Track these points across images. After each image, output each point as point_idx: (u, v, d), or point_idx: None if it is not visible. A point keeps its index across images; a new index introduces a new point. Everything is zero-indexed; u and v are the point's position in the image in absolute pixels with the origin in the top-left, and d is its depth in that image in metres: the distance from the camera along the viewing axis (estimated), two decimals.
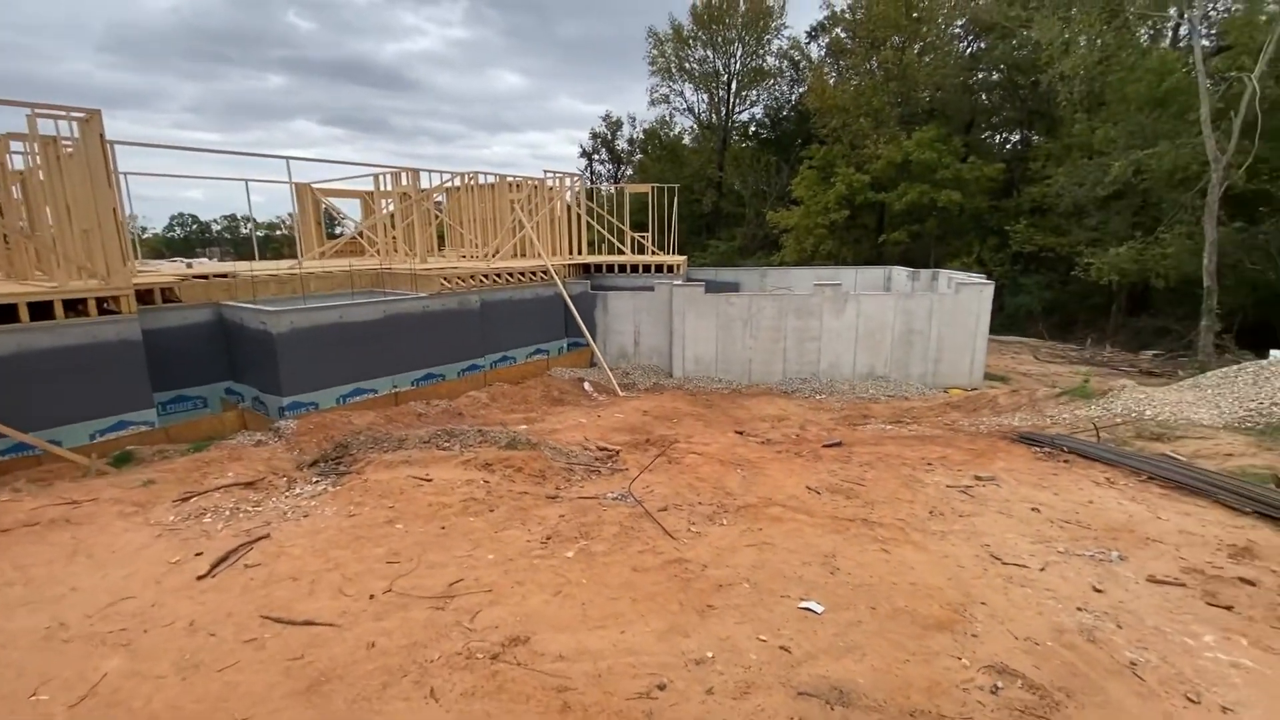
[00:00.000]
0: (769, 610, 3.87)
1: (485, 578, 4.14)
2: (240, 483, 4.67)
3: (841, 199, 31.74)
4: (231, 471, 4.89)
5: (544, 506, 4.85)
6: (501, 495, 4.84)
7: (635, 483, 5.56)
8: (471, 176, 18.88)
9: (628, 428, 13.24)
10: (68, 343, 10.05)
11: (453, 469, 5.26)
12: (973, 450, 7.17)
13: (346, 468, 5.68)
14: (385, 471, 5.20)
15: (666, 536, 4.73)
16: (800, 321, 16.13)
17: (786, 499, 5.45)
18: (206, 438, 11.42)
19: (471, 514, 4.60)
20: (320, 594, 3.92)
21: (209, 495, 4.52)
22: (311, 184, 20.97)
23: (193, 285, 12.47)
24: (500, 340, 15.98)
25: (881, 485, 5.89)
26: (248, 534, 4.31)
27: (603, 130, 54.84)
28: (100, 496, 4.32)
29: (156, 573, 3.99)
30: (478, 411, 13.98)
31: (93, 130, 10.01)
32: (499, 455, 5.51)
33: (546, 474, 5.44)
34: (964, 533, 4.97)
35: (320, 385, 12.19)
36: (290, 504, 4.70)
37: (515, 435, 6.42)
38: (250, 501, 4.52)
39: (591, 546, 4.43)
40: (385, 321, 13.08)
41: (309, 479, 5.23)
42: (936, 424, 10.73)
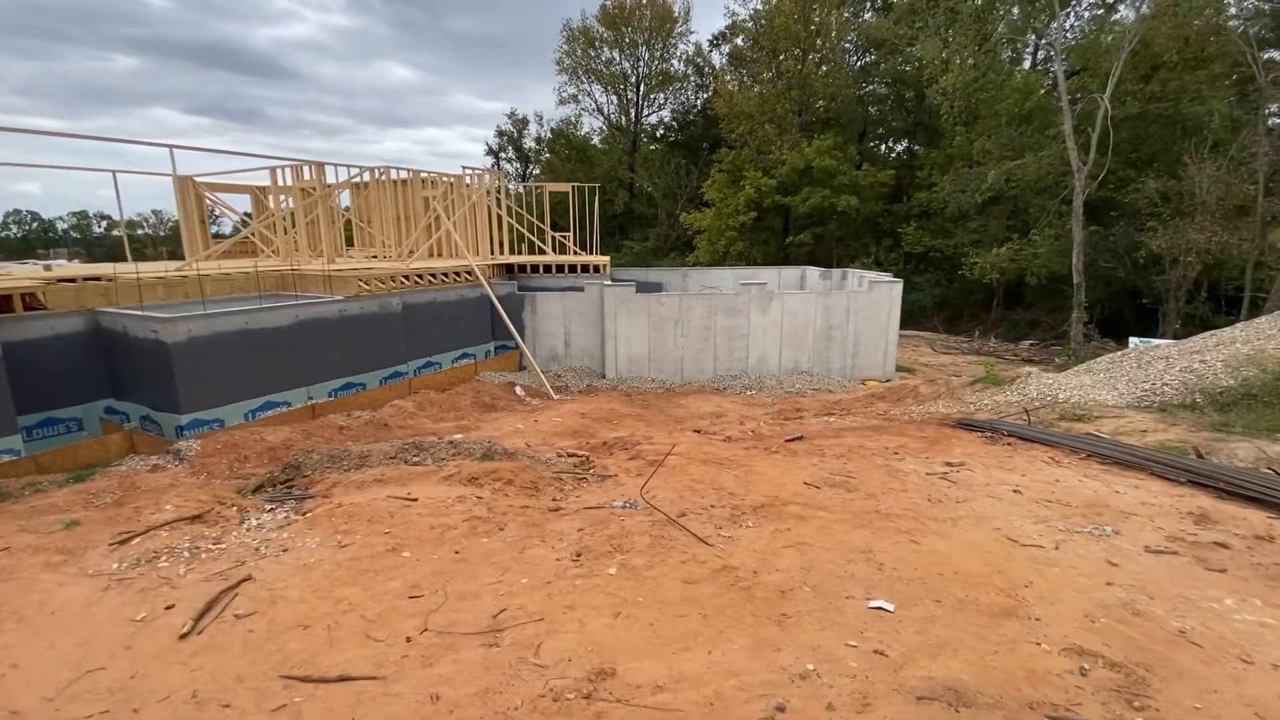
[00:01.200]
0: (841, 613, 3.77)
1: (530, 605, 3.72)
2: (185, 517, 3.98)
3: (750, 202, 32.93)
4: (170, 504, 4.13)
5: (555, 520, 4.48)
6: (504, 511, 4.43)
7: (630, 487, 5.32)
8: (383, 171, 17.75)
9: (569, 431, 12.98)
10: None
11: (436, 486, 4.77)
12: (924, 438, 7.61)
13: (303, 490, 5.01)
14: (359, 493, 4.61)
15: (701, 543, 4.51)
16: (729, 320, 16.52)
17: (792, 496, 5.46)
18: (88, 465, 9.92)
19: (482, 534, 4.14)
20: (344, 642, 3.28)
21: (154, 534, 3.78)
22: (194, 176, 18.86)
23: (61, 290, 10.79)
24: (424, 345, 15.13)
25: (869, 477, 6.05)
26: (223, 577, 3.60)
27: (509, 128, 53.64)
28: (11, 544, 3.47)
29: (122, 635, 3.16)
30: (405, 421, 13.15)
31: None
32: (483, 468, 5.09)
33: (539, 485, 5.09)
34: (970, 518, 5.11)
35: (225, 400, 10.94)
36: (258, 538, 4.00)
37: (491, 445, 5.99)
38: (207, 538, 3.79)
39: (630, 560, 4.18)
40: (297, 327, 11.97)
41: (262, 507, 4.56)
42: (869, 414, 11.34)
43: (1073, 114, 20.06)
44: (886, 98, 36.57)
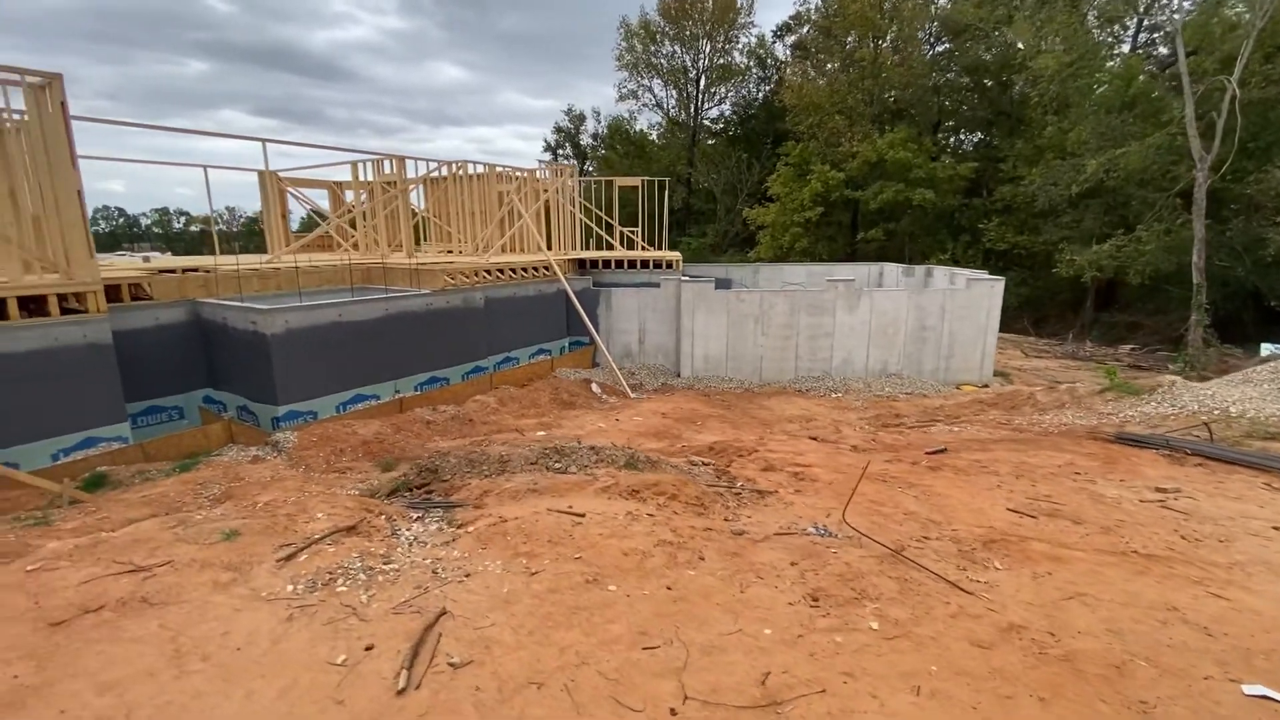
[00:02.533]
0: (1217, 704, 2.97)
1: (795, 668, 3.05)
2: (341, 528, 3.66)
3: (817, 196, 31.85)
4: (321, 512, 3.82)
5: (753, 549, 3.81)
6: (689, 535, 3.89)
7: (802, 506, 4.72)
8: (460, 166, 17.67)
9: (652, 431, 12.53)
10: (21, 348, 8.55)
11: (595, 499, 4.33)
12: (1091, 455, 6.77)
13: (444, 496, 4.67)
14: (515, 505, 4.21)
15: (956, 590, 3.84)
16: (813, 318, 15.76)
17: (1009, 527, 4.72)
18: (190, 454, 10.03)
19: (684, 565, 3.63)
20: (593, 710, 2.64)
21: (319, 550, 3.45)
22: (278, 172, 19.22)
23: (164, 280, 10.97)
24: (503, 340, 14.94)
25: (1075, 503, 5.23)
26: (414, 608, 3.05)
27: (567, 125, 53.71)
28: (173, 558, 3.20)
29: (327, 683, 2.61)
30: (488, 417, 12.96)
31: (53, 98, 8.53)
32: (641, 480, 4.64)
33: (704, 502, 4.59)
34: (1256, 563, 4.23)
35: (319, 392, 10.93)
36: (427, 556, 3.63)
37: (634, 453, 5.55)
38: (375, 555, 3.45)
39: (887, 611, 3.50)
40: (386, 321, 11.89)
41: (407, 515, 4.21)
42: (985, 424, 10.46)
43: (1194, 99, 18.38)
44: (963, 87, 34.82)
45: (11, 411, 8.47)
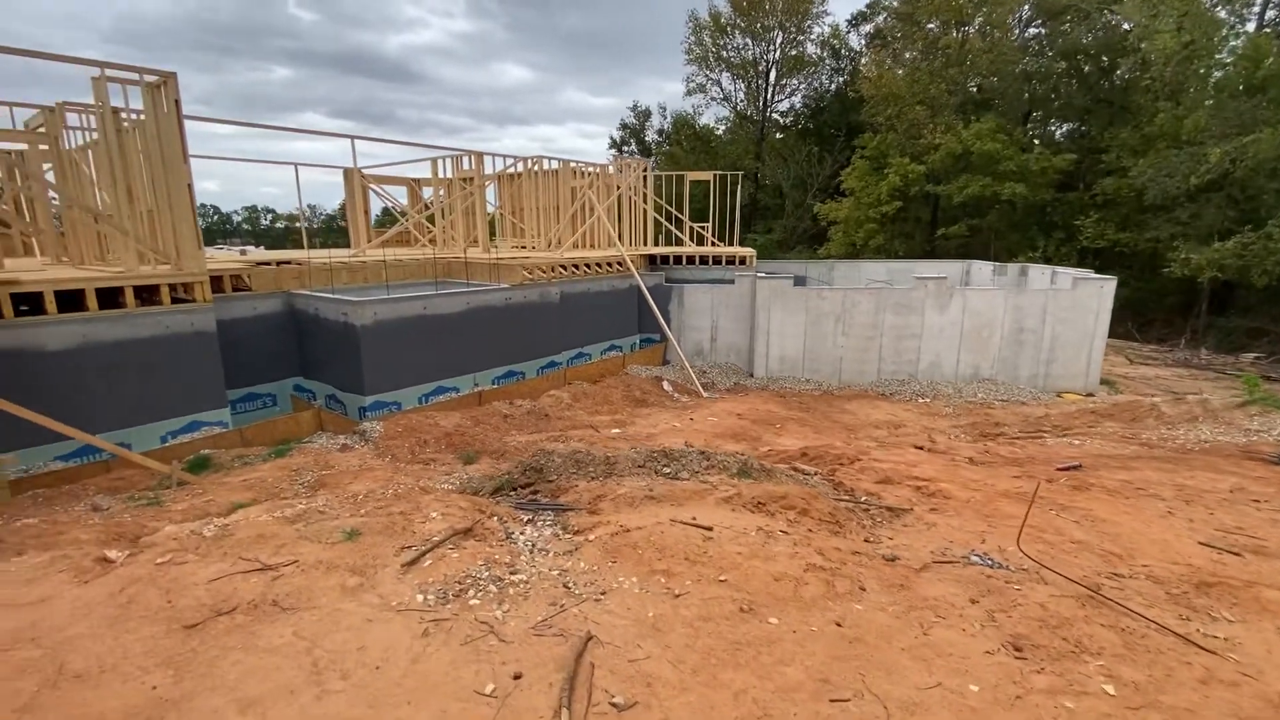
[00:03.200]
0: None
1: None
2: (458, 530, 3.51)
3: (894, 190, 30.46)
4: (435, 512, 3.70)
5: (918, 580, 3.47)
6: (837, 558, 3.48)
7: (946, 528, 4.22)
8: (535, 161, 17.73)
9: (729, 433, 12.14)
10: (138, 334, 9.00)
11: (718, 510, 4.03)
12: (1264, 479, 5.92)
13: (552, 498, 4.47)
14: (633, 513, 3.96)
15: (1195, 648, 3.18)
16: (899, 318, 14.93)
17: (1214, 566, 4.06)
18: (283, 440, 10.37)
19: (845, 595, 3.22)
20: None
21: (442, 556, 3.31)
22: (362, 169, 19.86)
23: (262, 273, 11.39)
24: (576, 336, 14.87)
25: (1277, 538, 4.55)
26: (554, 629, 2.76)
27: (632, 121, 53.64)
28: (300, 558, 3.12)
29: (482, 719, 2.33)
30: (563, 413, 12.89)
31: (168, 96, 8.92)
32: (766, 492, 4.32)
33: (839, 519, 4.22)
34: None
35: (403, 383, 11.11)
36: (554, 566, 3.40)
37: (746, 460, 5.24)
38: (500, 564, 3.27)
39: (1117, 670, 2.91)
40: (467, 314, 11.98)
41: (516, 517, 4.04)
42: (1104, 437, 9.53)
43: None
44: (1058, 73, 32.47)
45: (126, 395, 8.93)
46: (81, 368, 8.49)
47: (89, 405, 8.61)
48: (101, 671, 2.32)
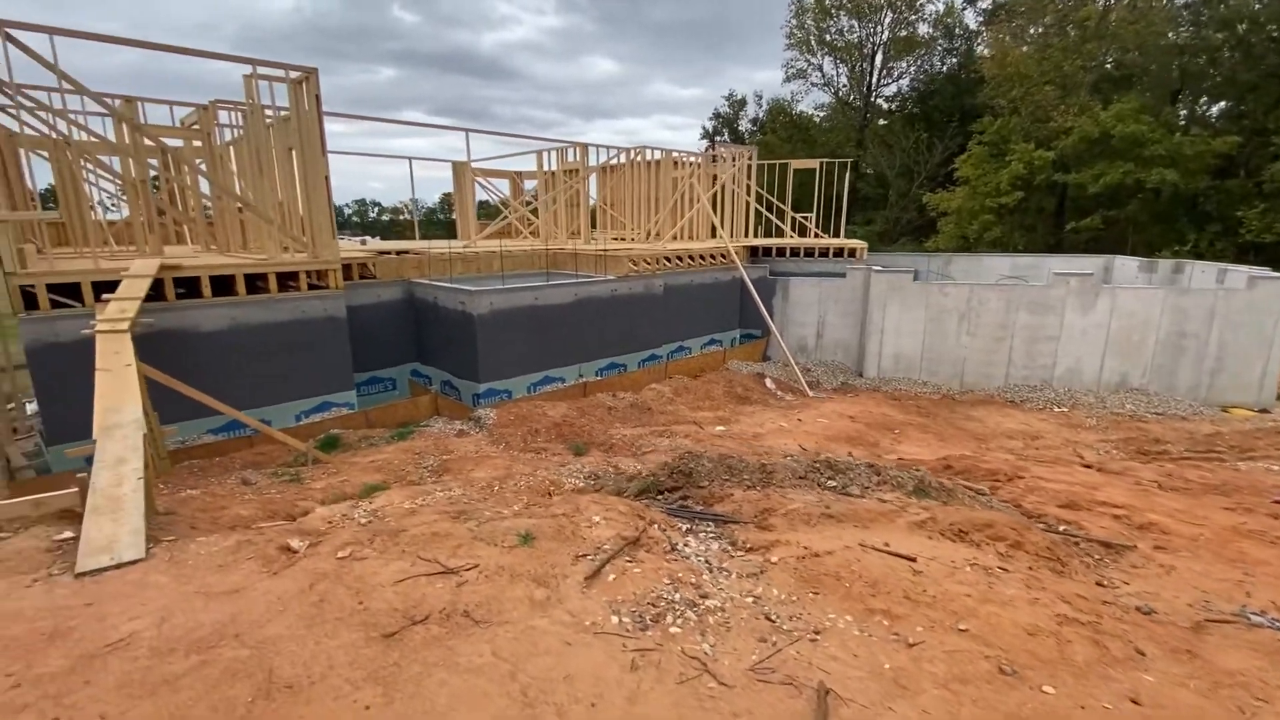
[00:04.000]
0: None
1: None
2: (626, 539, 3.30)
3: (1017, 179, 27.99)
4: (598, 516, 3.52)
5: (1200, 644, 2.86)
6: (1093, 611, 2.91)
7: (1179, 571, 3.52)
8: (638, 151, 17.53)
9: (842, 436, 11.46)
10: (279, 318, 9.53)
11: (910, 537, 3.59)
12: None
13: (704, 506, 4.21)
14: (812, 532, 3.58)
15: None
16: (1034, 318, 13.58)
17: None
18: (403, 423, 10.75)
19: (1125, 661, 2.61)
20: None
21: (622, 568, 3.10)
22: (470, 162, 20.43)
23: (385, 262, 11.84)
24: (678, 329, 14.57)
25: None
26: (781, 677, 2.35)
27: (726, 110, 52.67)
28: (480, 561, 2.99)
29: None
30: (664, 407, 12.66)
31: (309, 91, 9.34)
32: (968, 519, 3.82)
33: (1057, 554, 3.70)
34: None
35: (513, 372, 11.22)
36: (743, 592, 2.99)
37: (922, 476, 4.76)
38: (685, 584, 2.98)
39: None
40: (575, 305, 11.95)
41: (674, 525, 3.79)
42: None
43: None
44: (1216, 45, 28.63)
45: (267, 375, 9.48)
46: (229, 348, 9.07)
47: (235, 383, 9.19)
48: (311, 683, 2.23)
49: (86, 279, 7.87)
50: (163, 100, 11.42)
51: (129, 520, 3.26)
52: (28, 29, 7.19)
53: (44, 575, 2.80)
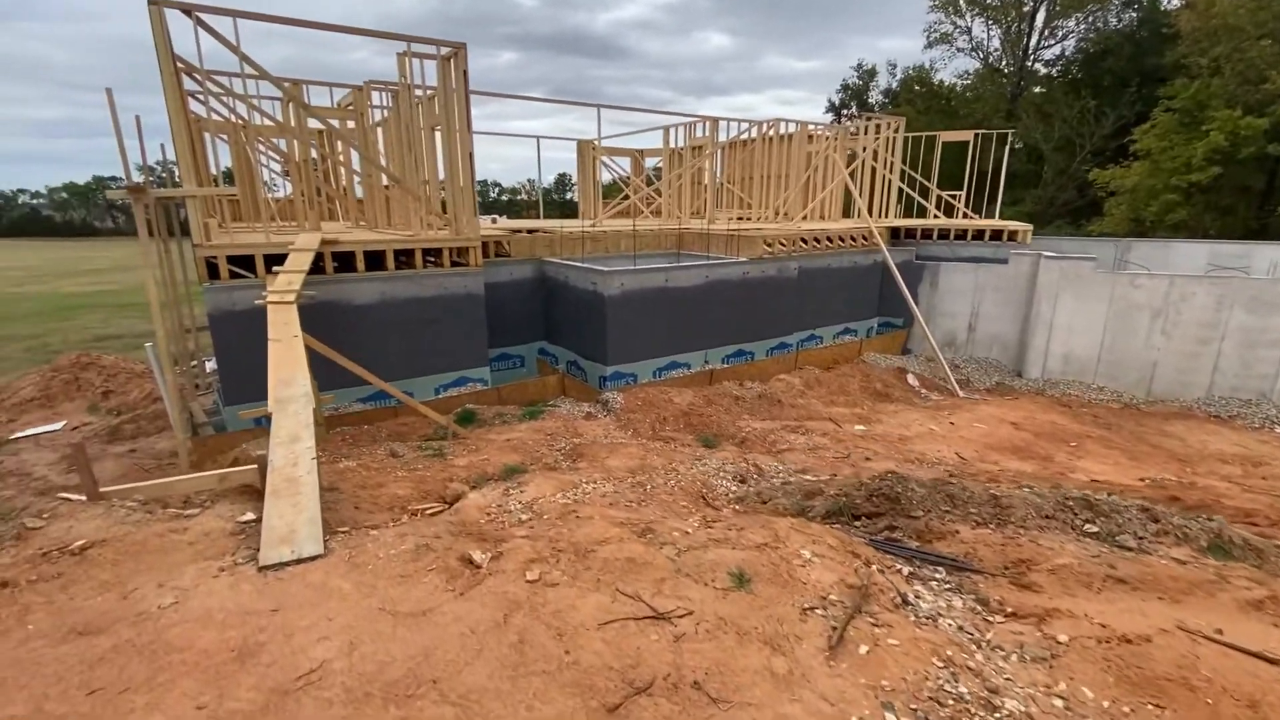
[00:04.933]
0: None
1: None
2: (848, 585, 2.75)
3: (1214, 152, 23.76)
4: (807, 550, 3.00)
5: None
6: None
7: None
8: (771, 124, 16.49)
9: (1005, 446, 10.13)
10: (423, 293, 9.74)
11: (1242, 618, 2.78)
12: None
13: (919, 541, 3.56)
14: (1101, 603, 2.68)
15: None
16: (1256, 318, 11.29)
17: None
18: (532, 401, 10.76)
19: None
20: None
21: (872, 636, 2.55)
22: (594, 141, 20.29)
23: (519, 240, 11.87)
24: (810, 316, 13.61)
25: None
26: None
27: (855, 81, 49.46)
28: (692, 605, 2.52)
29: None
30: (795, 400, 11.85)
31: (457, 66, 9.33)
32: None
33: None
34: None
35: (640, 356, 10.89)
36: (1038, 687, 2.31)
37: (1219, 527, 3.81)
38: (961, 668, 2.32)
39: None
40: (705, 288, 11.38)
41: (894, 568, 3.17)
42: None
43: None
44: None
45: (410, 349, 9.75)
46: (378, 321, 9.39)
47: (382, 355, 9.52)
48: None
49: (259, 252, 8.35)
50: (323, 82, 12.01)
51: (306, 507, 3.16)
52: (212, 12, 7.59)
53: (229, 564, 2.72)
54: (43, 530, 2.97)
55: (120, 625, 2.31)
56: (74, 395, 13.43)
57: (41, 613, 2.47)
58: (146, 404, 12.90)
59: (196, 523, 3.10)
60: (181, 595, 2.51)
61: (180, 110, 7.68)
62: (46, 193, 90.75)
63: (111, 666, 2.11)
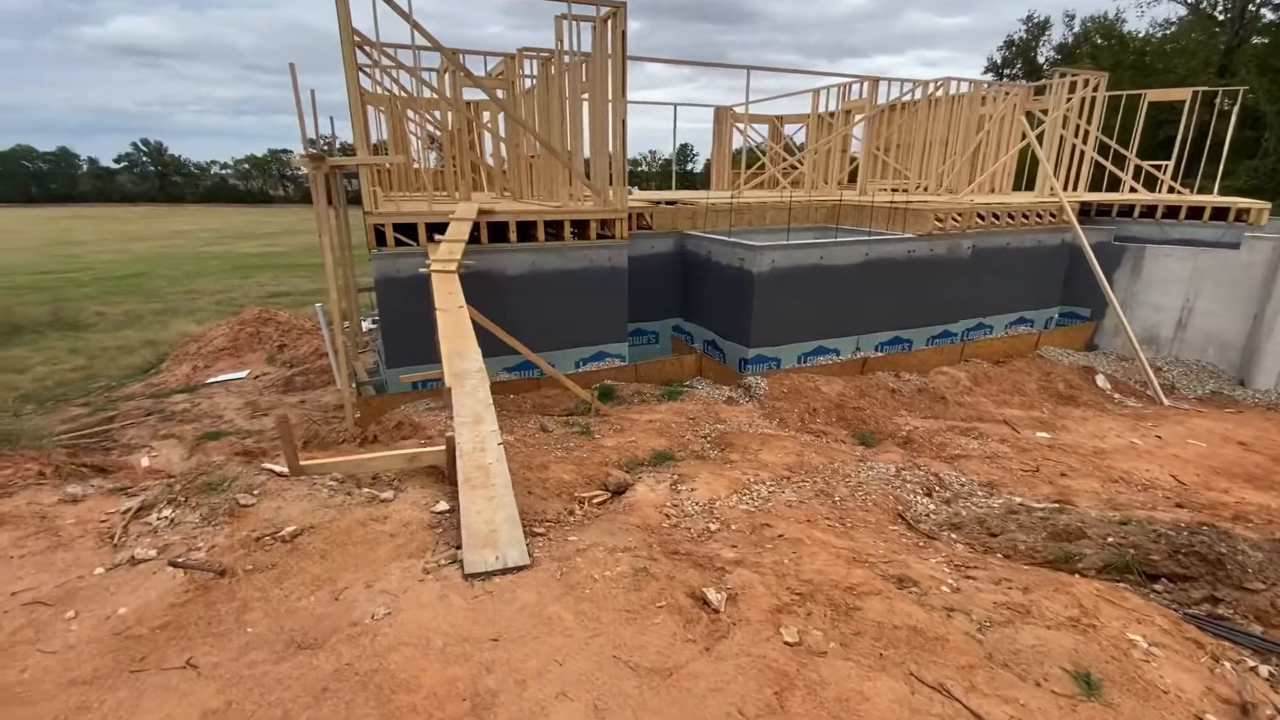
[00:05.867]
0: None
1: None
2: (1226, 701, 2.08)
3: None
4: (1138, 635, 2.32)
5: None
6: None
7: None
8: (939, 84, 14.70)
9: (1236, 471, 8.40)
10: (569, 265, 9.58)
11: None
12: None
13: (1257, 621, 2.75)
14: None
15: None
16: None
17: None
18: (667, 381, 10.40)
19: None
20: None
21: None
22: (733, 107, 19.32)
23: (661, 212, 11.41)
24: (979, 302, 12.09)
25: None
26: None
27: (1021, 36, 44.07)
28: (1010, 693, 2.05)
29: None
30: (961, 397, 10.58)
31: (615, 28, 8.89)
32: None
33: None
34: None
35: (785, 339, 10.15)
36: None
37: None
38: None
39: None
40: (864, 268, 10.34)
41: (1250, 670, 2.40)
42: None
43: None
44: None
45: (555, 321, 9.66)
46: (527, 291, 9.36)
47: (528, 326, 9.49)
48: None
49: (421, 220, 8.51)
50: (478, 51, 12.09)
51: (503, 503, 2.92)
52: None
53: (433, 565, 2.51)
54: (254, 509, 2.97)
55: (338, 640, 2.16)
56: (255, 347, 14.93)
57: (259, 611, 2.40)
58: (314, 359, 14.05)
59: (394, 509, 2.98)
60: (392, 603, 2.34)
61: (355, 83, 7.87)
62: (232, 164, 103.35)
63: (337, 703, 1.93)
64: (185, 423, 11.02)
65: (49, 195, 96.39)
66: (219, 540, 2.76)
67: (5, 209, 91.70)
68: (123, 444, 10.32)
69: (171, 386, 13.38)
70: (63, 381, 15.31)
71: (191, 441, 10.00)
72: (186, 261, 42.80)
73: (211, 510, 2.95)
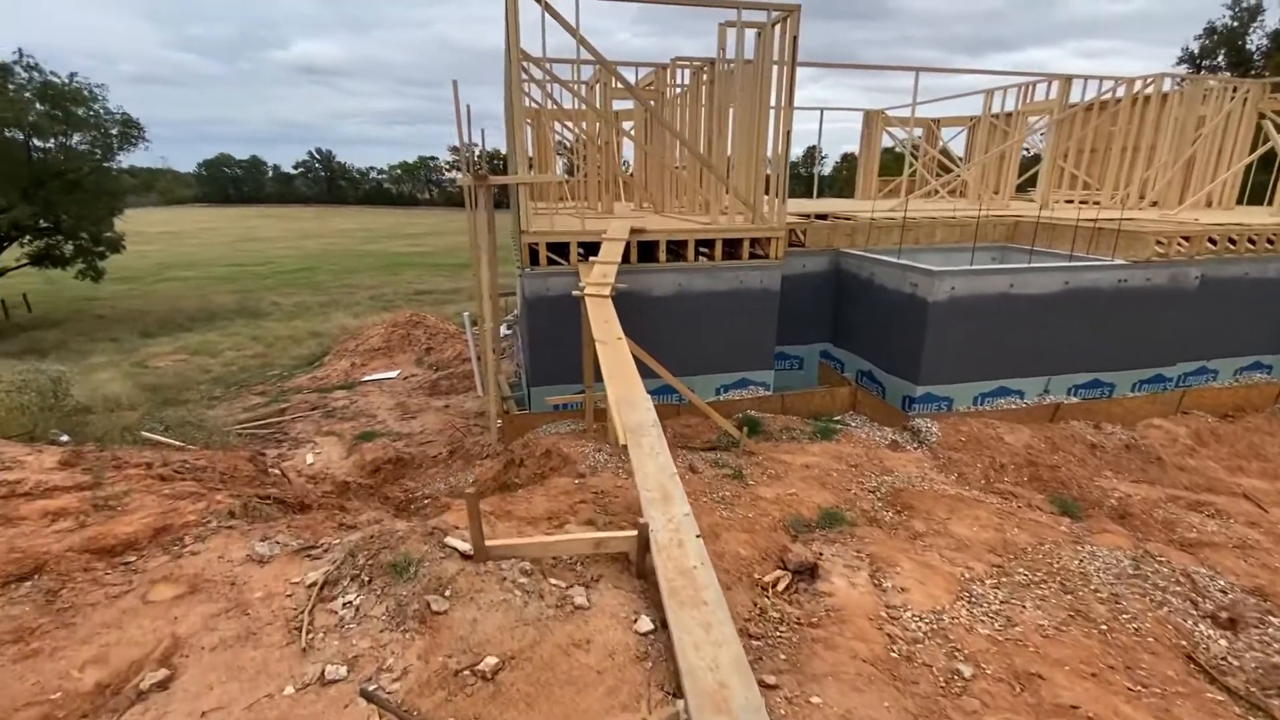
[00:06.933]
0: None
1: None
2: None
3: None
4: None
5: None
6: None
7: None
8: (1151, 81, 12.53)
9: None
10: (718, 287, 9.02)
11: None
12: None
13: None
14: None
15: None
16: None
17: None
18: (816, 414, 9.54)
19: None
20: None
21: None
22: (884, 111, 17.87)
23: (818, 228, 10.54)
24: (1202, 342, 10.08)
25: None
26: None
27: (1225, 22, 37.87)
28: None
29: None
30: (1181, 459, 8.78)
31: (786, 33, 8.20)
32: None
33: None
34: None
35: (961, 377, 8.92)
36: None
37: None
38: None
39: None
40: (1061, 298, 8.87)
41: None
42: None
43: None
44: None
45: (698, 345, 9.12)
46: (671, 314, 8.92)
47: (669, 350, 9.03)
48: None
49: (573, 239, 8.33)
50: (630, 63, 11.88)
51: (724, 636, 2.41)
52: None
53: None
54: (447, 619, 2.68)
55: None
56: (406, 348, 15.81)
57: None
58: (457, 363, 14.61)
59: (594, 628, 2.58)
60: None
61: (520, 101, 7.80)
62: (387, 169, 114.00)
63: None
64: (344, 420, 11.75)
65: (242, 196, 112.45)
66: (411, 661, 2.47)
67: (210, 208, 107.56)
68: (291, 437, 11.16)
69: (333, 382, 14.45)
70: (245, 368, 17.10)
71: (350, 440, 10.59)
72: (347, 258, 47.30)
73: (399, 606, 2.70)
